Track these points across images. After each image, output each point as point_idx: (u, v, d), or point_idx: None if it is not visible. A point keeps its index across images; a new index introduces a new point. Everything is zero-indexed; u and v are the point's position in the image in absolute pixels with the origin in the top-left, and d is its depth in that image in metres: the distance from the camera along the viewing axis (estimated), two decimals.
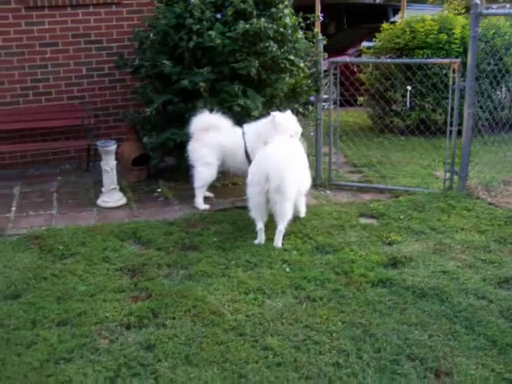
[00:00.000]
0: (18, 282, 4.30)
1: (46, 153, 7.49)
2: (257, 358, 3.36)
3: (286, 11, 6.40)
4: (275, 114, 5.58)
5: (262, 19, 5.96)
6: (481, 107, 7.57)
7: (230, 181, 6.84)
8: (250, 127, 5.85)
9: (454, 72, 6.11)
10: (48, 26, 7.20)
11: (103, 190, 6.10)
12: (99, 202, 6.10)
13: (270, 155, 4.98)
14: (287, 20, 6.36)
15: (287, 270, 4.49)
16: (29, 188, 6.74)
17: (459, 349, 3.43)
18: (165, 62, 6.12)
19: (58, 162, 7.59)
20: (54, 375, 3.22)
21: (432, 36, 9.09)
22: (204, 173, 5.94)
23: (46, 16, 7.16)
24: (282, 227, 4.95)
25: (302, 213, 5.56)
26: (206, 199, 6.12)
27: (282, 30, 6.23)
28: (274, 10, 6.23)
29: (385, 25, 10.00)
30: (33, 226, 5.51)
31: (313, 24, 6.76)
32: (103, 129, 7.65)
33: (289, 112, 5.75)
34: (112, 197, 6.08)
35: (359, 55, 12.18)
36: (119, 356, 3.38)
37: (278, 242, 4.94)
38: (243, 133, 5.85)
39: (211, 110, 5.86)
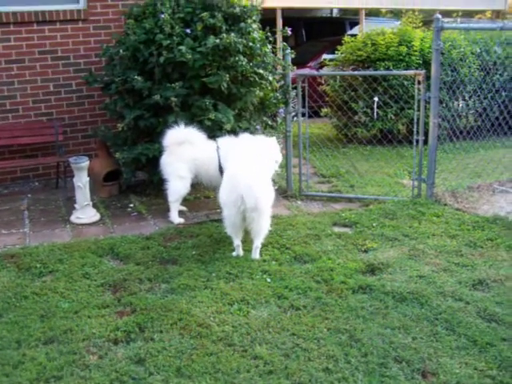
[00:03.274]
0: None
1: (14, 170, 7.40)
2: (248, 367, 3.41)
3: (254, 26, 6.53)
4: (263, 139, 5.63)
5: (232, 34, 6.06)
6: (441, 117, 7.83)
7: (202, 194, 6.89)
8: (225, 141, 5.89)
9: (418, 83, 6.31)
10: (14, 43, 7.16)
11: (76, 206, 6.06)
12: (73, 218, 6.06)
13: (243, 174, 4.91)
14: (255, 35, 6.49)
15: (268, 280, 4.55)
16: None
17: (442, 349, 3.56)
18: (136, 77, 6.15)
19: (26, 180, 7.52)
20: None
21: (392, 48, 9.37)
22: (178, 186, 5.97)
23: (11, 32, 7.12)
24: (258, 243, 5.00)
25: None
26: (180, 213, 6.15)
27: (250, 44, 6.35)
28: (242, 24, 6.35)
29: (346, 38, 10.24)
30: (6, 245, 5.43)
31: (285, 39, 6.92)
32: (72, 145, 7.62)
33: (274, 139, 5.80)
34: (86, 213, 6.04)
35: (320, 67, 12.41)
36: (110, 371, 3.38)
37: (256, 255, 4.99)
38: (217, 147, 5.90)
39: (184, 125, 5.90)
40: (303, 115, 6.90)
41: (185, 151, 5.89)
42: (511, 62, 9.35)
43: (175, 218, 6.02)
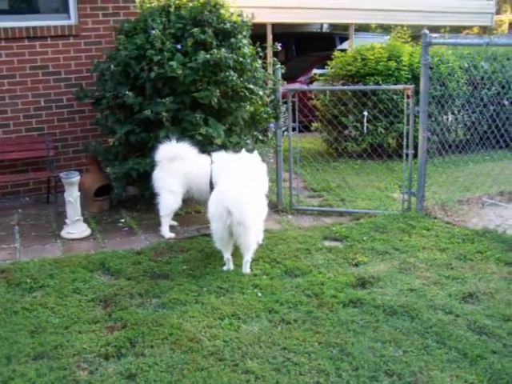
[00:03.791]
0: None
1: (5, 185, 7.38)
2: (239, 381, 3.40)
3: (245, 41, 6.58)
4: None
5: (223, 49, 6.11)
6: (430, 131, 7.90)
7: (193, 208, 6.90)
8: (220, 156, 5.87)
9: (407, 97, 6.38)
10: (5, 58, 7.17)
11: (67, 221, 6.05)
12: (63, 233, 6.05)
13: (229, 189, 4.94)
14: (246, 50, 6.53)
15: (259, 294, 4.55)
16: None
17: (433, 362, 3.57)
18: (127, 92, 6.17)
19: (17, 195, 7.50)
20: None
21: (382, 63, 9.45)
22: (169, 201, 5.98)
23: (2, 48, 7.13)
24: (248, 257, 5.00)
25: (260, 239, 5.49)
26: (171, 227, 6.15)
27: (241, 59, 6.38)
28: (233, 40, 6.40)
29: (336, 53, 10.33)
30: None
31: (275, 54, 6.97)
32: (63, 160, 7.61)
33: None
34: (77, 228, 6.03)
35: (311, 82, 12.49)
36: None
37: (246, 269, 5.00)
38: (212, 162, 5.90)
39: (175, 140, 5.91)
40: (294, 130, 6.95)
41: (177, 166, 5.91)
42: (498, 77, 9.44)
43: (166, 232, 6.02)
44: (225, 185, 5.04)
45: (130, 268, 5.12)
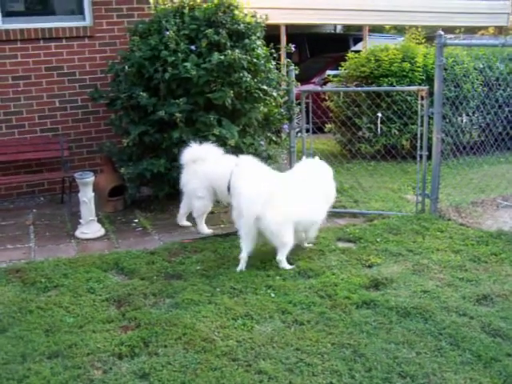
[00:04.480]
0: (2, 315, 4.26)
1: (20, 185, 7.45)
2: (252, 382, 3.40)
3: (259, 42, 6.60)
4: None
5: (236, 50, 6.13)
6: (444, 132, 7.86)
7: None
8: (245, 161, 5.62)
9: (421, 99, 6.35)
10: (21, 59, 7.24)
11: (81, 221, 6.09)
12: (78, 233, 6.09)
13: (246, 192, 4.99)
14: (260, 51, 6.56)
15: (272, 295, 4.56)
16: (4, 221, 6.68)
17: (447, 365, 3.55)
18: (141, 93, 6.21)
19: (31, 195, 7.57)
20: None
21: (396, 64, 9.42)
22: (200, 204, 6.03)
23: (18, 49, 7.20)
24: (278, 257, 5.07)
25: (305, 244, 5.57)
26: (185, 228, 6.21)
27: (255, 60, 6.41)
28: (246, 41, 6.42)
29: (350, 54, 10.31)
30: (12, 260, 5.46)
31: (288, 55, 6.99)
32: (77, 161, 7.67)
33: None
34: (91, 228, 6.07)
35: (324, 83, 12.48)
36: None
37: (281, 265, 5.08)
38: (235, 164, 5.72)
39: (190, 141, 5.92)
40: (307, 131, 6.95)
41: (202, 167, 5.88)
42: None
43: (203, 228, 6.11)
44: (245, 187, 5.05)
45: (144, 268, 5.15)
